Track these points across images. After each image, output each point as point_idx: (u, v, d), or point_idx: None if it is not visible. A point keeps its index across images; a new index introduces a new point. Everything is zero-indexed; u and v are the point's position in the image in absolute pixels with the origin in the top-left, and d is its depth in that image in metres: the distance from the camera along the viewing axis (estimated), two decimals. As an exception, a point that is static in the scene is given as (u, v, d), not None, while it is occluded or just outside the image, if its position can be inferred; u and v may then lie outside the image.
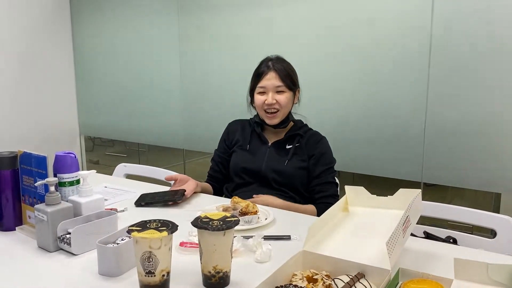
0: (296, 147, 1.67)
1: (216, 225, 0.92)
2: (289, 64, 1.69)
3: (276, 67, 1.63)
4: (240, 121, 1.84)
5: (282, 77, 1.62)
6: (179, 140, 3.01)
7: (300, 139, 1.68)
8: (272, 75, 1.62)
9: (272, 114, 1.63)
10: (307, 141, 1.68)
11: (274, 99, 1.61)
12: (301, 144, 1.67)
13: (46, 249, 1.13)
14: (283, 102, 1.62)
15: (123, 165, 2.11)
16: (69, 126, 3.54)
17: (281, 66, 1.64)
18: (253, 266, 1.05)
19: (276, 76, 1.62)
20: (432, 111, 2.05)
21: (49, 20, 3.29)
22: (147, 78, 3.10)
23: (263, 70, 1.65)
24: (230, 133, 1.81)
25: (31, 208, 1.22)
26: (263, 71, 1.64)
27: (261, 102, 1.64)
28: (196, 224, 0.93)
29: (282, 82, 1.62)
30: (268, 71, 1.63)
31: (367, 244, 1.02)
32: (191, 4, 2.79)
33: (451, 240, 1.38)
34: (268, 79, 1.62)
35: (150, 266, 0.88)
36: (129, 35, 3.13)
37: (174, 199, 1.51)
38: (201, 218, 0.96)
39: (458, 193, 2.62)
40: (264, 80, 1.63)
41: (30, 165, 1.22)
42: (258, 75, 1.66)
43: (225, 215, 0.97)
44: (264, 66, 1.65)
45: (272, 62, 1.65)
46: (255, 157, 1.69)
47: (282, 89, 1.62)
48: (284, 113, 1.66)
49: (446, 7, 1.96)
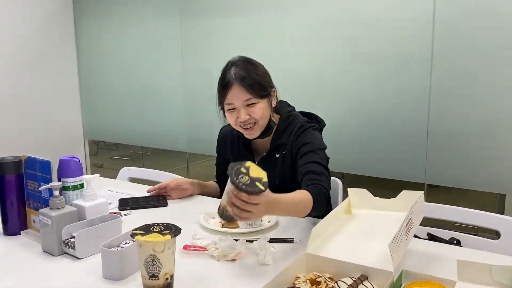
0: (283, 154, 1.53)
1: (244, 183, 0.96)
2: (255, 67, 1.47)
3: (240, 77, 1.41)
4: (227, 131, 1.68)
5: (248, 88, 1.40)
6: (182, 143, 3.02)
7: (285, 146, 1.52)
8: (237, 89, 1.41)
9: (249, 129, 1.47)
10: (292, 143, 1.50)
11: (247, 115, 1.42)
12: (286, 151, 1.52)
13: (51, 253, 1.14)
14: (258, 115, 1.43)
15: (126, 168, 2.12)
16: (73, 130, 3.55)
17: (246, 73, 1.42)
18: (256, 269, 1.06)
19: (241, 89, 1.40)
20: (435, 112, 2.05)
21: (52, 23, 3.30)
22: (150, 81, 3.11)
23: (227, 81, 1.43)
24: (220, 145, 1.72)
25: (36, 213, 1.23)
26: (227, 83, 1.43)
27: (234, 120, 1.46)
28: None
29: (251, 94, 1.41)
30: (232, 83, 1.42)
31: (370, 246, 1.02)
32: (193, 7, 2.80)
33: (454, 242, 1.37)
34: (235, 95, 1.41)
35: (153, 269, 0.88)
36: (132, 39, 3.15)
37: (160, 204, 1.55)
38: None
39: (463, 194, 2.61)
40: (230, 96, 1.42)
41: (35, 169, 1.23)
42: (223, 88, 1.45)
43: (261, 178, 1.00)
44: (228, 76, 1.43)
45: (236, 69, 1.43)
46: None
47: (253, 101, 1.42)
48: (263, 124, 1.48)
49: (448, 8, 1.96)
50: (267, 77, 1.50)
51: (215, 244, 1.12)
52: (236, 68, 1.44)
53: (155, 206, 1.55)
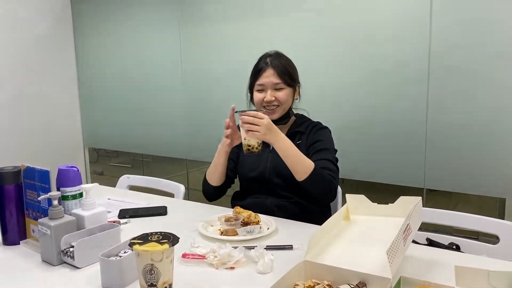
0: (298, 144, 1.64)
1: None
2: (288, 60, 1.68)
3: (274, 64, 1.61)
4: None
5: (280, 74, 1.60)
6: (182, 150, 3.03)
7: (301, 135, 1.67)
8: (270, 72, 1.61)
9: (271, 110, 1.63)
10: (308, 134, 1.67)
11: (273, 96, 1.60)
12: (302, 141, 1.66)
13: (50, 262, 1.14)
14: (282, 99, 1.61)
15: (126, 176, 2.12)
16: (73, 138, 3.56)
17: (279, 62, 1.62)
18: (255, 277, 1.06)
19: (274, 73, 1.60)
20: (433, 116, 2.05)
21: (52, 33, 3.32)
22: (150, 89, 3.12)
23: (261, 67, 1.63)
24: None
25: (35, 222, 1.23)
26: (261, 68, 1.63)
27: (260, 99, 1.63)
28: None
29: (281, 79, 1.60)
30: (266, 68, 1.62)
31: (368, 253, 1.02)
32: (192, 15, 2.81)
33: (454, 247, 1.37)
34: (266, 77, 1.61)
35: (152, 278, 0.88)
36: (132, 47, 3.16)
37: (160, 213, 1.57)
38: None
39: (463, 198, 2.61)
40: (262, 77, 1.62)
41: (34, 179, 1.24)
42: (256, 72, 1.65)
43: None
44: (263, 63, 1.64)
45: (271, 58, 1.64)
46: (258, 163, 1.68)
47: (280, 86, 1.61)
48: (284, 109, 1.65)
49: (444, 13, 1.97)
50: (296, 72, 1.70)
51: (214, 252, 1.12)
52: (271, 57, 1.65)
53: (154, 214, 1.56)
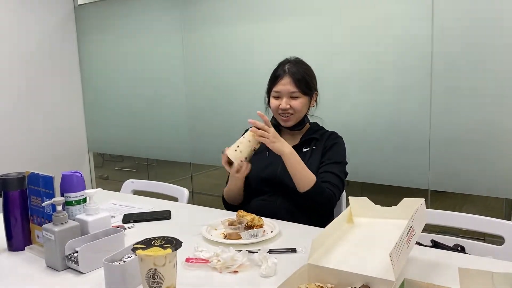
0: (313, 149, 1.67)
1: None
2: (307, 68, 1.68)
3: (291, 72, 1.62)
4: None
5: (296, 82, 1.61)
6: (186, 154, 3.03)
7: (316, 142, 1.68)
8: (287, 80, 1.61)
9: (286, 118, 1.64)
10: (325, 141, 1.68)
11: (288, 105, 1.61)
12: (318, 147, 1.67)
13: (54, 268, 1.15)
14: (297, 108, 1.62)
15: (130, 181, 2.13)
16: (78, 144, 3.58)
17: (297, 70, 1.63)
18: (258, 281, 1.05)
19: (290, 82, 1.61)
20: (437, 117, 2.04)
21: (56, 39, 3.35)
22: (153, 94, 3.13)
23: (279, 74, 1.64)
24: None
25: (40, 228, 1.24)
26: (279, 75, 1.64)
27: (275, 106, 1.65)
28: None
29: (297, 88, 1.61)
30: (283, 75, 1.62)
31: (371, 256, 1.02)
32: (195, 19, 2.82)
33: (458, 248, 1.36)
34: (283, 84, 1.62)
35: (155, 283, 0.89)
36: (135, 52, 3.18)
37: (164, 217, 1.57)
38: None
39: (469, 199, 2.60)
40: (279, 84, 1.63)
41: (38, 185, 1.24)
42: (274, 79, 1.66)
43: None
44: (281, 70, 1.65)
45: (289, 65, 1.64)
46: (271, 164, 1.68)
47: (296, 94, 1.61)
48: (299, 117, 1.66)
49: (446, 16, 1.96)
50: (314, 80, 1.70)
51: (217, 256, 1.12)
52: (290, 64, 1.65)
53: (158, 219, 1.56)
